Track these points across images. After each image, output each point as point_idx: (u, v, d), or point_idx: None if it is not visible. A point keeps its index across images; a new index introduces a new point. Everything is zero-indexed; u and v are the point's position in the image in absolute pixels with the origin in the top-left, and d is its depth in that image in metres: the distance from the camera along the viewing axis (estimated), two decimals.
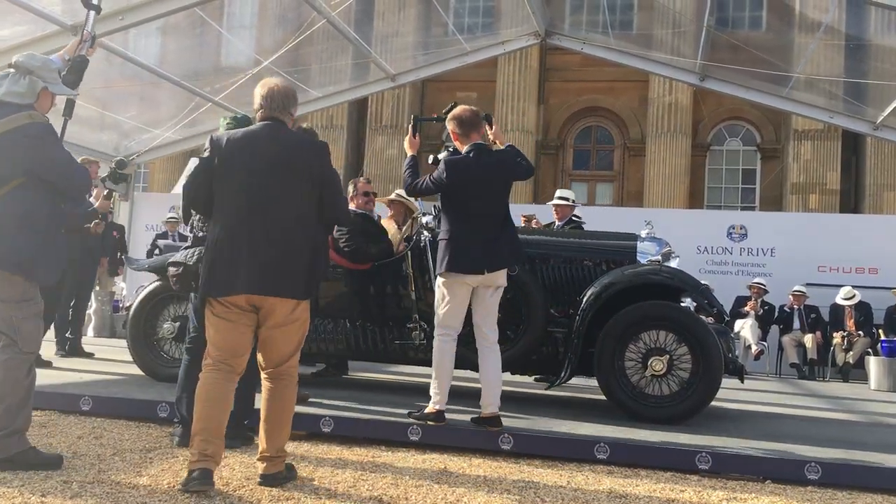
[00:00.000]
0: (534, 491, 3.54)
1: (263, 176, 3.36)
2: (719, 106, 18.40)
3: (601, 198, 19.95)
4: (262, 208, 3.34)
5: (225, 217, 3.38)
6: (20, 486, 3.16)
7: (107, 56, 8.16)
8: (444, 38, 10.26)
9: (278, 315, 3.35)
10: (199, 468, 3.19)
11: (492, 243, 4.40)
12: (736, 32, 9.95)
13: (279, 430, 3.44)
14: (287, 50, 8.89)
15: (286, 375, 3.48)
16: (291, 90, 3.56)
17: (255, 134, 3.45)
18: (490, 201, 4.49)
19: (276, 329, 3.39)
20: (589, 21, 9.81)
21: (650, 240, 5.77)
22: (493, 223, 4.46)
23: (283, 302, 3.34)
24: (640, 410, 5.07)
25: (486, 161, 4.50)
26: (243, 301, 3.32)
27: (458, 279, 4.39)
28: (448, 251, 4.37)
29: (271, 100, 3.47)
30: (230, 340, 3.36)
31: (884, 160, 17.17)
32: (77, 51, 4.24)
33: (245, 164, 3.37)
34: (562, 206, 7.97)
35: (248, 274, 3.28)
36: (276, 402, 3.45)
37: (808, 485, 3.92)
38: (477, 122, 4.58)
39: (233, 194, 3.37)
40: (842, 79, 9.11)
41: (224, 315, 3.35)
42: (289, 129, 3.53)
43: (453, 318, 4.42)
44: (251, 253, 3.30)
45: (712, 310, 5.70)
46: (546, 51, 18.72)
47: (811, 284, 11.06)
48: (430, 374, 4.49)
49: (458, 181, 4.44)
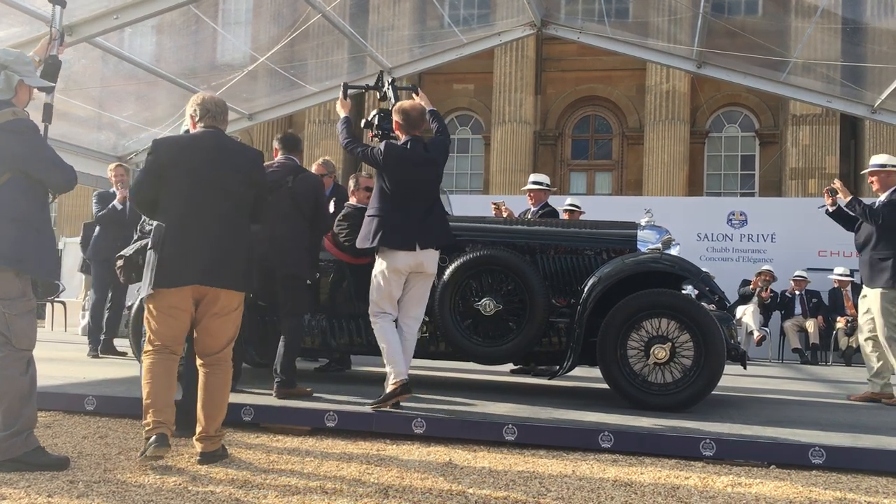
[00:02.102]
0: (539, 481, 3.55)
1: (208, 177, 3.70)
2: (717, 92, 18.38)
3: (600, 187, 19.94)
4: (209, 206, 3.69)
5: (173, 215, 3.69)
6: (26, 487, 3.17)
7: (102, 55, 8.13)
8: (440, 30, 10.22)
9: (219, 305, 3.69)
10: (155, 433, 3.52)
11: (422, 223, 4.69)
12: (732, 18, 9.91)
13: (217, 412, 3.76)
14: (282, 46, 8.86)
15: (223, 362, 3.79)
16: (224, 102, 3.95)
17: (199, 138, 3.80)
18: (422, 189, 4.77)
19: (216, 318, 3.70)
20: (585, 10, 9.77)
21: (650, 228, 5.76)
22: (423, 207, 4.75)
23: (226, 293, 3.69)
24: (644, 398, 5.08)
25: (422, 154, 4.78)
26: (190, 292, 3.63)
27: (393, 265, 4.63)
28: (380, 227, 4.64)
29: (210, 110, 3.83)
30: (174, 329, 3.69)
31: (882, 143, 17.14)
32: (48, 50, 4.22)
33: (191, 165, 3.71)
34: (536, 190, 7.80)
35: (198, 266, 3.61)
36: (214, 386, 3.76)
37: (812, 469, 3.93)
38: (422, 121, 4.90)
39: (180, 193, 3.69)
40: (839, 62, 9.08)
41: (168, 308, 3.65)
42: (228, 136, 3.90)
43: (388, 305, 4.70)
44: (200, 247, 3.63)
45: (713, 297, 5.70)
46: (542, 41, 18.69)
47: (812, 269, 11.07)
48: (433, 366, 4.51)
49: (393, 167, 4.70)
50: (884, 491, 3.59)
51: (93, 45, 7.54)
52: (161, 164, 3.73)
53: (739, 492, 3.46)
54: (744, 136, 19.35)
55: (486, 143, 20.05)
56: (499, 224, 6.13)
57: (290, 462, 3.79)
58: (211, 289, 3.66)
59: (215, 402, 3.76)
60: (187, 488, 3.23)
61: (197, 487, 3.25)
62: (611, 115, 20.04)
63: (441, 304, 5.43)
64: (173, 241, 3.64)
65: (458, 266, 5.46)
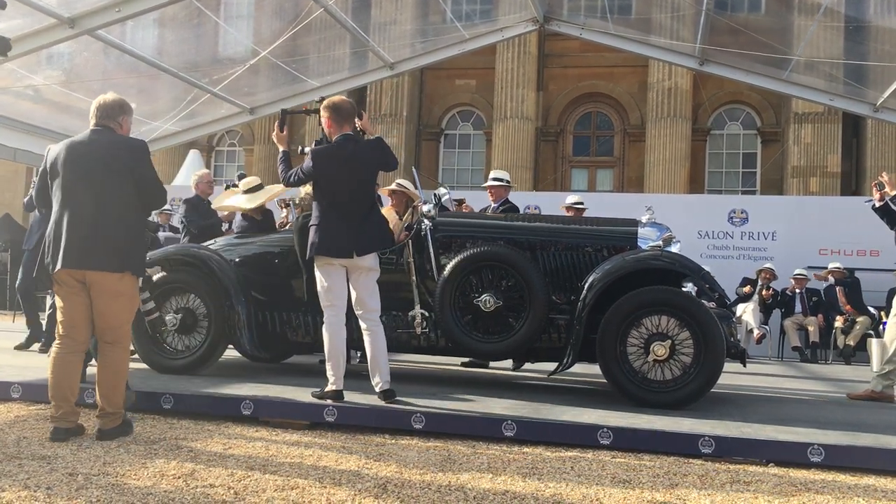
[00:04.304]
0: (538, 477, 3.55)
1: (81, 171, 4.00)
2: (719, 90, 18.34)
3: (601, 184, 19.91)
4: (80, 197, 3.98)
5: (54, 207, 4.05)
6: (25, 480, 3.18)
7: (104, 48, 8.12)
8: (442, 25, 10.21)
9: (100, 287, 3.97)
10: (53, 426, 3.94)
11: (358, 228, 4.73)
12: (735, 16, 9.89)
13: (113, 390, 4.02)
14: (284, 40, 8.84)
15: (117, 341, 4.06)
16: (119, 102, 4.21)
17: (79, 139, 4.13)
18: (356, 189, 4.78)
19: (101, 300, 3.99)
20: (587, 6, 9.76)
21: (651, 225, 5.76)
22: (360, 209, 4.77)
23: (101, 275, 3.95)
24: (643, 396, 5.08)
25: (353, 150, 4.76)
26: (65, 275, 3.95)
27: (328, 261, 4.72)
28: (317, 236, 4.69)
29: (99, 110, 4.15)
30: (67, 313, 4.01)
31: (885, 142, 17.12)
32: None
33: (68, 163, 4.03)
34: (497, 187, 7.74)
35: (67, 252, 3.92)
36: (110, 365, 4.04)
37: (811, 467, 3.94)
38: (352, 112, 4.87)
39: (58, 188, 4.04)
40: (842, 61, 9.06)
41: (60, 291, 4.01)
42: (112, 133, 4.13)
43: (335, 297, 4.76)
44: (69, 234, 3.93)
45: (714, 294, 5.70)
46: (545, 37, 18.65)
47: (813, 267, 11.06)
48: (433, 362, 4.51)
49: (324, 169, 4.71)
50: (882, 489, 3.59)
51: (95, 37, 7.53)
52: (48, 167, 4.16)
53: (738, 490, 3.47)
54: (746, 134, 19.31)
55: (487, 139, 20.02)
56: (499, 220, 6.13)
57: (289, 456, 3.80)
58: (86, 272, 3.95)
59: (108, 382, 4.02)
60: (186, 482, 3.24)
61: (196, 481, 3.26)
62: (612, 111, 20.01)
63: (441, 300, 5.43)
64: (52, 231, 4.04)
65: (459, 262, 5.46)
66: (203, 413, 4.69)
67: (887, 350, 6.18)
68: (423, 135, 20.64)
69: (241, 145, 22.07)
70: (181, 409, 4.70)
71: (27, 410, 4.71)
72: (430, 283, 5.64)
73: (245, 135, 21.53)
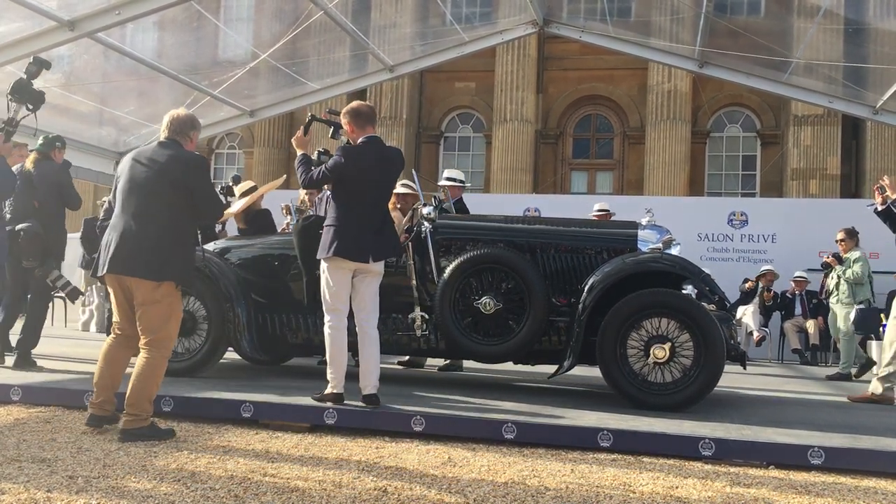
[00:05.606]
0: (538, 479, 3.55)
1: (136, 182, 4.18)
2: (718, 92, 18.36)
3: (601, 186, 19.93)
4: (131, 206, 4.16)
5: (114, 213, 4.28)
6: (25, 482, 3.17)
7: (104, 51, 8.13)
8: (442, 28, 10.22)
9: (139, 294, 4.12)
10: (91, 413, 4.22)
11: (378, 233, 4.71)
12: (734, 18, 9.90)
13: (139, 393, 4.08)
14: (284, 43, 8.86)
15: (153, 346, 4.14)
16: (191, 118, 4.39)
17: (143, 150, 4.34)
18: (379, 192, 4.78)
19: (140, 307, 4.14)
20: (587, 9, 9.77)
21: (651, 228, 5.76)
22: (380, 213, 4.77)
23: (139, 282, 4.09)
24: (643, 398, 5.07)
25: (380, 152, 4.78)
26: (109, 280, 4.16)
27: (340, 264, 4.67)
28: (336, 236, 4.64)
29: (171, 124, 4.32)
30: (117, 312, 4.25)
31: (884, 144, 17.14)
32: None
33: (126, 172, 4.24)
34: (451, 187, 7.70)
35: (112, 258, 4.11)
36: (141, 368, 4.10)
37: (811, 470, 3.93)
38: (371, 115, 4.85)
39: (117, 196, 4.26)
40: (841, 63, 9.08)
41: (111, 292, 4.24)
42: (176, 147, 4.27)
43: (340, 301, 4.73)
44: (117, 241, 4.12)
45: (713, 297, 5.70)
46: (544, 39, 18.68)
47: (812, 270, 11.06)
48: (432, 363, 4.51)
49: (353, 167, 4.68)
50: (883, 492, 3.59)
51: (95, 40, 7.55)
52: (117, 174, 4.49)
53: (738, 492, 3.46)
54: (745, 137, 19.33)
55: (487, 141, 20.04)
56: (499, 223, 6.13)
57: (289, 459, 3.80)
58: (124, 278, 4.12)
59: (139, 383, 4.10)
60: (186, 485, 3.23)
61: (196, 483, 3.25)
62: (612, 114, 20.03)
63: (441, 303, 5.43)
64: (105, 237, 4.27)
65: (459, 264, 5.46)
66: (203, 416, 4.69)
67: (887, 352, 6.17)
68: (423, 137, 20.66)
69: (240, 148, 22.08)
70: (181, 412, 4.70)
71: (27, 413, 4.71)
72: (430, 285, 5.64)
73: (245, 137, 21.55)
